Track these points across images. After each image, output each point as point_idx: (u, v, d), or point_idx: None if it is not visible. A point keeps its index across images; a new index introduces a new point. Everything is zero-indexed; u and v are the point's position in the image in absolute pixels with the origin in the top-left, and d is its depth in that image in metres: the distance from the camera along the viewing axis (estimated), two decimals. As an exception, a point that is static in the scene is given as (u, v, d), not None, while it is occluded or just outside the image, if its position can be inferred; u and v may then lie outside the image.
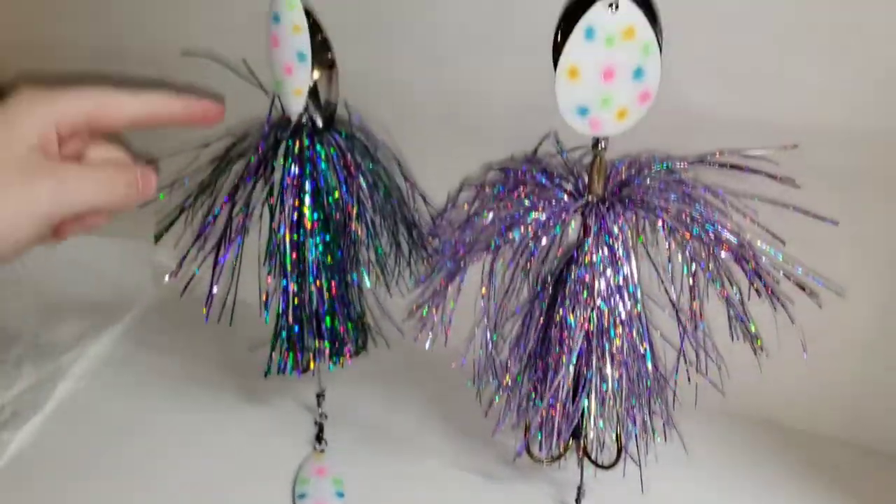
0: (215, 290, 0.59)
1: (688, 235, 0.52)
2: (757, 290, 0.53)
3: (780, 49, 0.57)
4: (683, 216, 0.53)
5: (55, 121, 0.43)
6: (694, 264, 0.54)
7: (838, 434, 0.69)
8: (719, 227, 0.52)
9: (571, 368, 0.54)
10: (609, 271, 0.51)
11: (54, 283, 0.90)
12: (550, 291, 0.55)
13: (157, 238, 0.63)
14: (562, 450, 0.60)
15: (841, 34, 0.55)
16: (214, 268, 0.59)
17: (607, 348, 0.52)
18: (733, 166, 0.56)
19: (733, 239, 0.52)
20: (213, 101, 0.50)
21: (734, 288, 0.53)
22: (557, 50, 0.49)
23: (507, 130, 0.63)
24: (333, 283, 0.63)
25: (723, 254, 0.53)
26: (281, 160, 0.59)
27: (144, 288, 0.90)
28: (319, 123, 0.61)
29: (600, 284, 0.52)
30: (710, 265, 0.54)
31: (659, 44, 0.49)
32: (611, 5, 0.47)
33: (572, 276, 0.53)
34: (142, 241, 0.92)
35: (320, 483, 0.65)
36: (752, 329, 0.54)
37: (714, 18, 0.57)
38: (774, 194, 0.56)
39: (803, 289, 0.53)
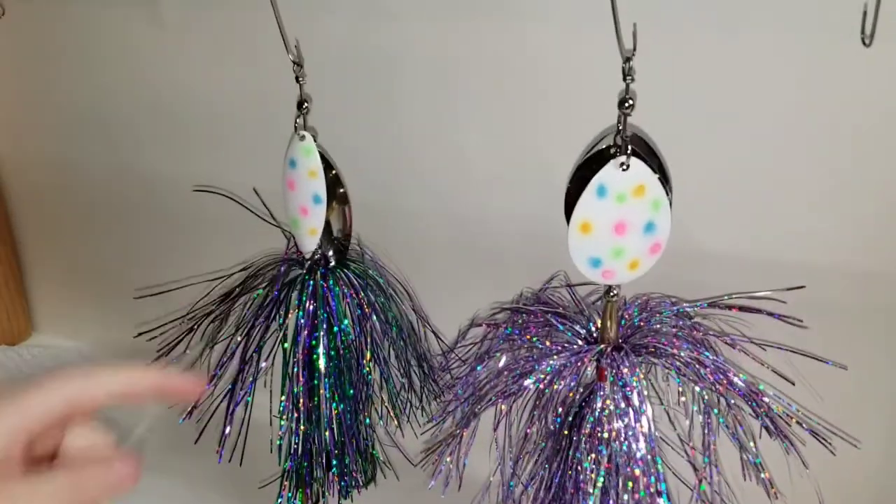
0: (228, 429, 0.59)
1: (700, 384, 0.52)
2: (769, 433, 0.53)
3: (785, 191, 0.59)
4: (695, 364, 0.53)
5: (23, 428, 0.39)
6: (706, 410, 0.54)
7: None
8: (731, 375, 0.53)
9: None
10: (625, 419, 0.51)
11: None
12: (566, 434, 0.55)
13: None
14: None
15: (845, 177, 0.57)
16: (227, 413, 0.59)
17: (626, 498, 0.52)
18: (742, 309, 0.57)
19: (745, 387, 0.53)
20: (193, 377, 0.46)
21: (747, 435, 0.54)
22: (570, 203, 0.51)
23: (517, 262, 0.65)
24: (344, 421, 0.63)
25: (732, 401, 0.53)
26: (295, 300, 0.60)
27: (148, 405, 0.89)
28: (332, 261, 0.62)
29: (615, 431, 0.52)
30: (722, 410, 0.54)
31: (669, 199, 0.50)
32: (622, 165, 0.48)
33: (587, 422, 0.53)
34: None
35: None
36: (766, 475, 0.54)
37: (721, 164, 0.59)
38: (782, 334, 0.57)
39: (817, 436, 0.53)
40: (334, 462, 0.64)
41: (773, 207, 0.59)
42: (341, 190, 0.62)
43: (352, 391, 0.61)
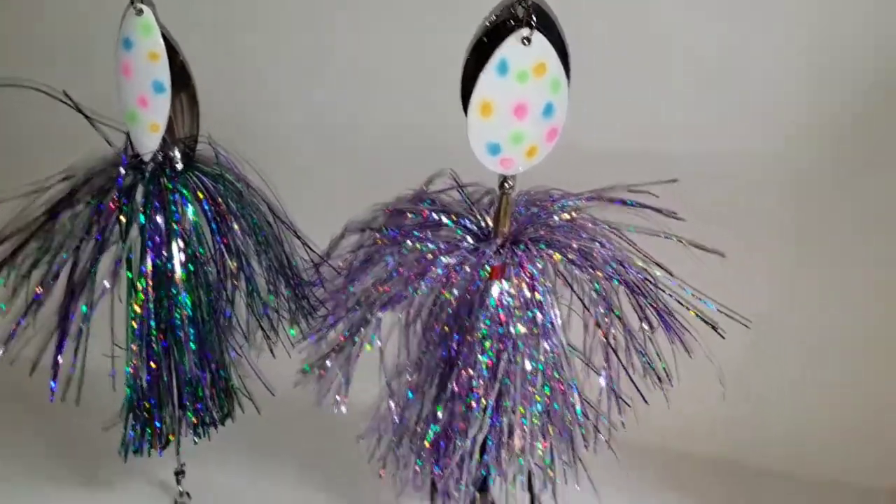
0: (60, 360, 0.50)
1: (598, 273, 0.51)
2: (661, 325, 0.53)
3: (655, 82, 0.58)
4: (589, 255, 0.51)
5: None
6: (600, 302, 0.53)
7: (715, 457, 0.71)
8: (625, 265, 0.52)
9: (487, 419, 0.50)
10: (532, 314, 0.48)
11: None
12: (459, 338, 0.52)
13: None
14: (471, 504, 0.57)
15: (716, 64, 0.57)
16: (58, 350, 0.50)
17: (533, 391, 0.49)
18: (623, 202, 0.56)
19: (639, 275, 0.52)
20: None
21: (641, 324, 0.53)
22: (467, 86, 0.46)
23: (392, 170, 0.59)
24: (202, 348, 0.55)
25: (623, 289, 0.52)
26: (140, 206, 0.51)
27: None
28: (179, 163, 0.54)
29: (519, 328, 0.49)
30: (616, 302, 0.53)
31: (568, 81, 0.47)
32: (524, 39, 0.44)
33: (487, 321, 0.50)
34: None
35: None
36: (662, 367, 0.53)
37: (599, 56, 0.57)
38: (656, 228, 0.57)
39: (707, 323, 0.53)
40: (187, 396, 0.56)
41: (646, 99, 0.59)
42: (189, 84, 0.53)
43: (211, 313, 0.54)
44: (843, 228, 0.60)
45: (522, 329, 0.49)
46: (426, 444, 0.53)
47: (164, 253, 0.51)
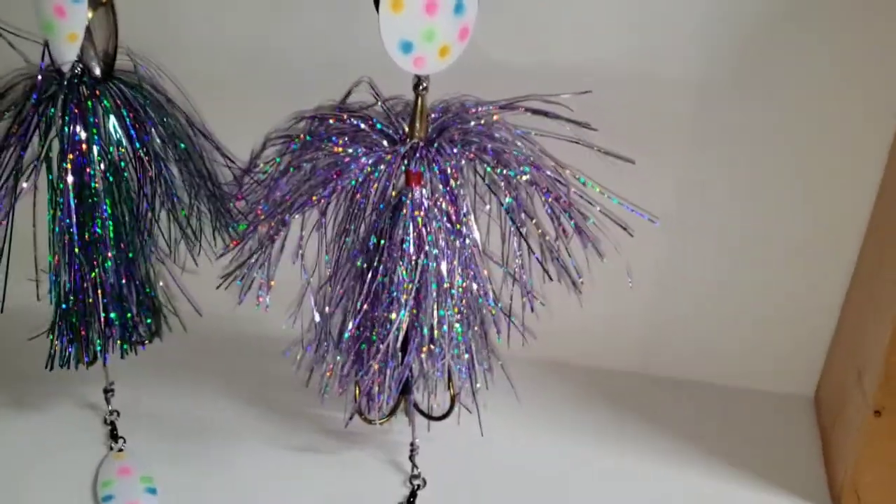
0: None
1: (510, 176, 0.53)
2: (577, 231, 0.55)
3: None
4: (503, 156, 0.53)
5: None
6: (515, 206, 0.54)
7: (636, 369, 0.74)
8: (541, 168, 0.54)
9: (405, 317, 0.52)
10: (447, 213, 0.50)
11: None
12: (377, 242, 0.53)
13: None
14: (394, 407, 0.59)
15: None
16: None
17: (453, 294, 0.51)
18: (535, 112, 0.58)
19: (555, 178, 0.54)
20: None
21: (556, 230, 0.55)
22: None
23: (301, 89, 0.60)
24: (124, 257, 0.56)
25: (534, 192, 0.54)
26: (59, 117, 0.51)
27: None
28: (98, 73, 0.54)
29: (434, 228, 0.51)
30: (530, 206, 0.55)
31: (477, -22, 0.49)
32: (431, -67, 0.46)
33: (402, 224, 0.51)
34: None
35: (127, 483, 0.57)
36: (574, 271, 0.56)
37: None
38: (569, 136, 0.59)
39: (616, 223, 0.56)
40: (114, 310, 0.57)
41: (558, 14, 0.61)
42: (106, -11, 0.53)
43: (133, 221, 0.54)
44: (751, 129, 0.62)
45: (438, 229, 0.51)
46: (348, 344, 0.54)
47: (85, 160, 0.52)
